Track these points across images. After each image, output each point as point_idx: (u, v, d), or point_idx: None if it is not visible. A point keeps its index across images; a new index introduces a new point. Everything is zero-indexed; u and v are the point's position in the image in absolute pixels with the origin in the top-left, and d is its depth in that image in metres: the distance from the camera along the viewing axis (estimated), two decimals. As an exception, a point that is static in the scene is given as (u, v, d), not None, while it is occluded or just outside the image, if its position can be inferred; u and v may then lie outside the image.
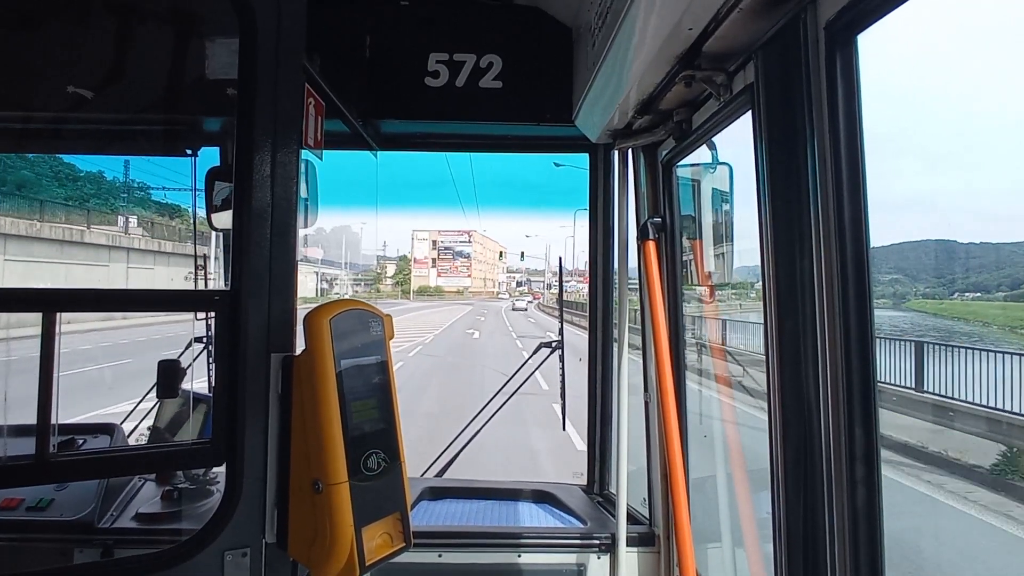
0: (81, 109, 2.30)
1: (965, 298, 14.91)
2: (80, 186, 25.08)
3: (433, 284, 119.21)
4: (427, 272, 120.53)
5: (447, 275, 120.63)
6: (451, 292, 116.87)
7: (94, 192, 25.55)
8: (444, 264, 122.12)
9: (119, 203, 25.56)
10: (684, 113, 1.85)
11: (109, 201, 25.80)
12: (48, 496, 2.16)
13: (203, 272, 2.41)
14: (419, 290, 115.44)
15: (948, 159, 30.11)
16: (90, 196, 24.87)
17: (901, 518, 5.19)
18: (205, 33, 2.00)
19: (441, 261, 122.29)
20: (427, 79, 2.42)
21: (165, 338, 14.05)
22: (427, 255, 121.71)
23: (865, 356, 1.16)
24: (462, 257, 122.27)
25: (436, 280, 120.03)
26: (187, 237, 16.21)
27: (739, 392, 2.91)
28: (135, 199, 25.39)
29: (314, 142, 1.75)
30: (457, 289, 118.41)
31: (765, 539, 1.78)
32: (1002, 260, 14.33)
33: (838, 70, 1.16)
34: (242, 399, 1.38)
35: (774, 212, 1.30)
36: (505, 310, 61.60)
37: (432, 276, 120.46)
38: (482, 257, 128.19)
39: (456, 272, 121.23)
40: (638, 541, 2.35)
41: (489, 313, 53.67)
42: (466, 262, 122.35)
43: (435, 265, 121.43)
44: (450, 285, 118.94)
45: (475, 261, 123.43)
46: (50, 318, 1.28)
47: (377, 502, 1.38)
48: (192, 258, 2.44)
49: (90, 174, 25.53)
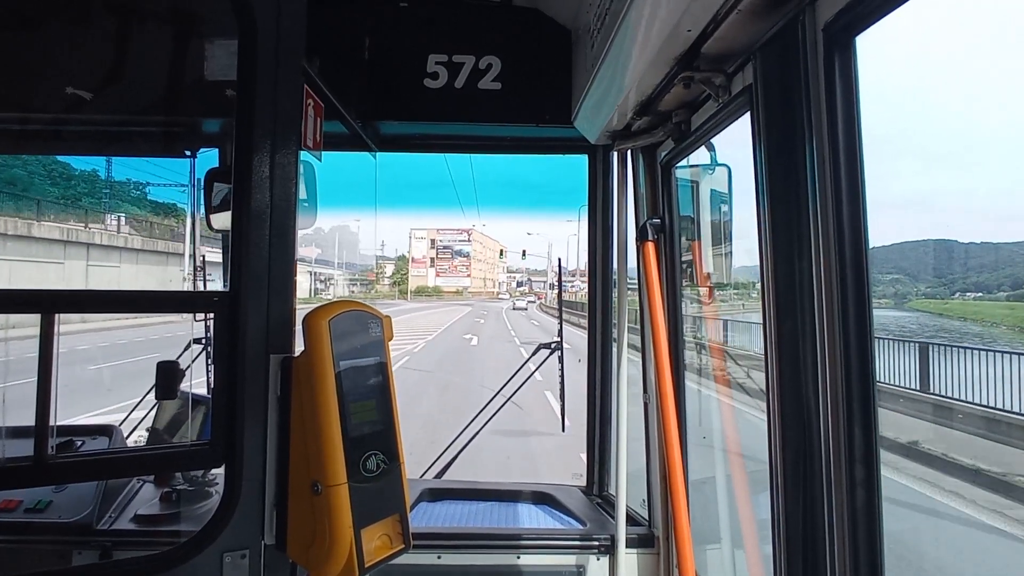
0: (80, 110, 2.30)
1: (966, 298, 14.91)
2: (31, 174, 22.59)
3: (431, 284, 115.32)
4: (425, 272, 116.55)
5: (446, 275, 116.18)
6: (450, 292, 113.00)
7: (51, 183, 23.33)
8: (443, 264, 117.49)
9: (85, 197, 23.71)
10: (683, 114, 1.85)
11: (74, 192, 23.82)
12: (47, 498, 2.16)
13: (188, 272, 2.41)
14: (417, 290, 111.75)
15: (947, 159, 30.18)
16: (33, 184, 22.28)
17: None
18: (204, 34, 2.00)
19: (440, 260, 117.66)
20: (426, 80, 2.42)
21: (163, 338, 13.87)
22: (425, 254, 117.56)
23: (864, 357, 1.16)
24: (461, 256, 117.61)
25: (435, 280, 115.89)
26: (159, 234, 16.11)
27: (739, 392, 2.91)
28: (102, 192, 23.66)
29: (313, 143, 1.75)
30: (456, 289, 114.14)
31: (764, 540, 1.78)
32: (1002, 260, 14.35)
33: (836, 72, 1.16)
34: (241, 400, 1.38)
35: (773, 213, 1.30)
36: (506, 311, 58.67)
37: (430, 276, 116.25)
38: (482, 256, 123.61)
39: (455, 272, 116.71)
40: (637, 542, 2.34)
41: (489, 315, 50.18)
42: (465, 261, 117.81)
43: (433, 265, 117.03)
44: (449, 285, 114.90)
45: (475, 260, 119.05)
46: (48, 319, 1.28)
47: (376, 503, 1.38)
48: (166, 256, 2.43)
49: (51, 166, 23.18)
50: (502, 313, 53.63)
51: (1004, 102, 23.34)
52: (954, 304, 15.00)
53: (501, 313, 53.82)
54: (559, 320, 3.12)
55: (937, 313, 14.97)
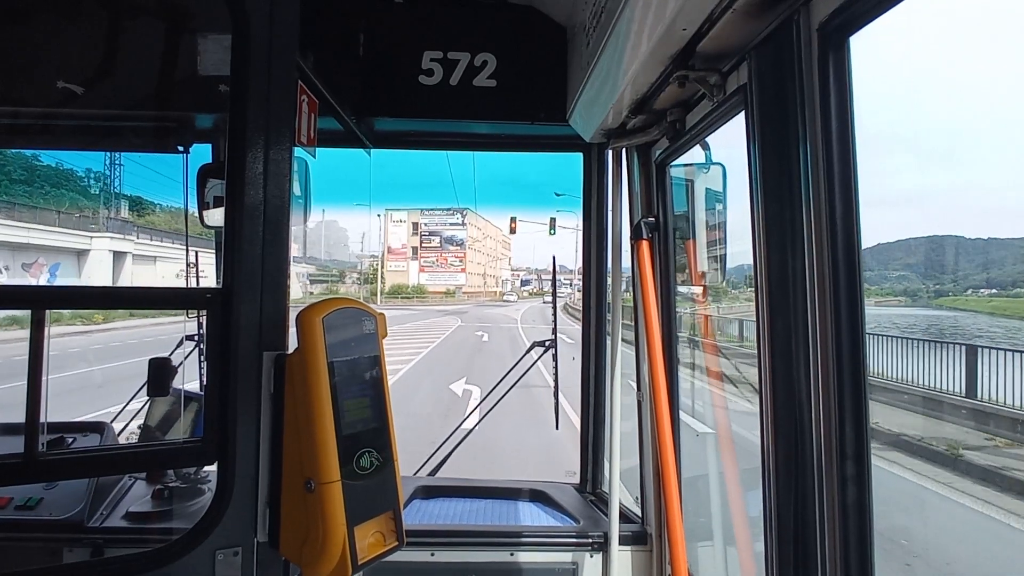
0: (71, 105, 2.28)
1: (980, 295, 14.88)
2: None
3: (414, 281, 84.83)
4: (405, 266, 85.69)
5: (433, 269, 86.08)
6: (437, 293, 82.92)
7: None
8: (429, 254, 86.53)
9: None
10: (678, 113, 1.86)
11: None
12: (37, 495, 2.14)
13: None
14: (393, 290, 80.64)
15: (947, 156, 30.33)
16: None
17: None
18: (197, 29, 1.99)
19: (425, 251, 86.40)
20: (421, 77, 2.42)
21: (157, 340, 13.50)
22: (406, 243, 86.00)
23: (856, 354, 1.17)
24: (453, 245, 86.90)
25: (418, 276, 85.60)
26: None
27: (731, 386, 2.92)
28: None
29: (307, 139, 1.74)
30: (446, 289, 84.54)
31: (757, 537, 1.80)
32: (1016, 256, 14.37)
33: (831, 72, 1.17)
34: (234, 397, 1.37)
35: (767, 212, 1.31)
36: (522, 321, 36.66)
37: (413, 271, 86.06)
38: (481, 246, 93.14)
39: (445, 265, 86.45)
40: (631, 540, 2.36)
41: (494, 333, 28.46)
42: (459, 252, 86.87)
43: (416, 255, 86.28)
44: (437, 284, 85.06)
45: (471, 251, 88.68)
46: (39, 316, 1.27)
47: (370, 501, 1.38)
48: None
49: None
50: (517, 329, 31.05)
51: (999, 100, 23.48)
52: (966, 300, 14.94)
53: (515, 329, 30.94)
54: (553, 317, 3.12)
55: (988, 312, 14.39)
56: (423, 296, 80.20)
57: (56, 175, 28.88)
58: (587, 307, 2.75)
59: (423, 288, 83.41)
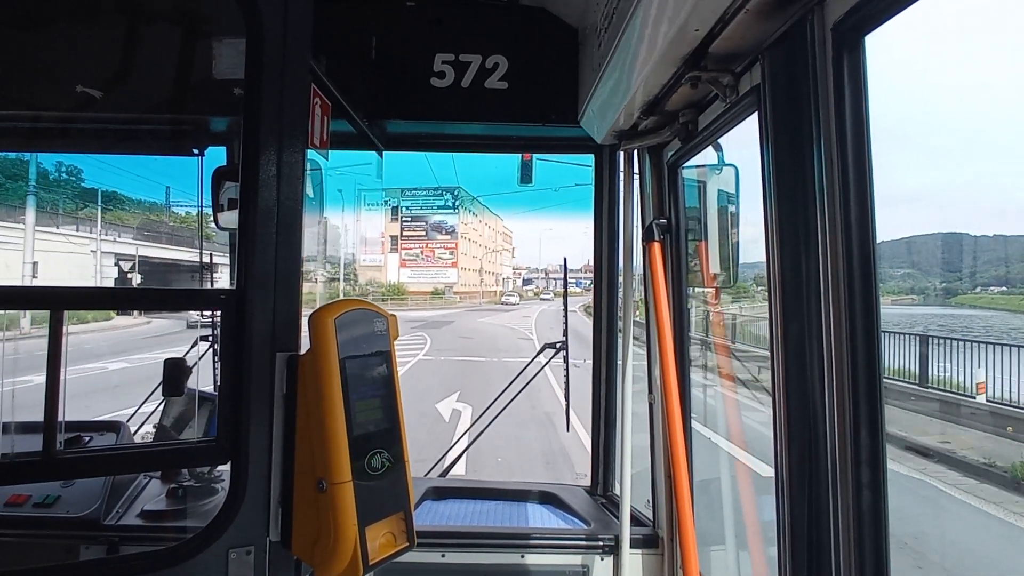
0: (90, 108, 2.32)
1: (989, 292, 14.63)
2: None
3: (392, 279, 67.65)
4: (382, 259, 68.75)
5: (417, 264, 68.83)
6: (421, 293, 65.41)
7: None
8: (411, 244, 69.02)
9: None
10: (690, 114, 1.85)
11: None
12: (55, 493, 2.18)
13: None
14: (362, 290, 61.11)
15: (958, 155, 29.74)
16: None
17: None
18: (212, 33, 2.01)
19: (407, 240, 69.11)
20: (433, 79, 2.43)
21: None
22: (384, 230, 69.51)
23: (871, 357, 1.15)
24: (442, 233, 69.63)
25: (399, 272, 68.41)
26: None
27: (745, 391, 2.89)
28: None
29: (320, 142, 1.76)
30: (433, 288, 67.24)
31: (769, 542, 1.77)
32: (1021, 253, 14.13)
33: (845, 71, 1.16)
34: (247, 398, 1.39)
35: (780, 213, 1.29)
36: (538, 333, 26.03)
37: (392, 265, 68.66)
38: (477, 236, 77.09)
39: (432, 258, 69.18)
40: (642, 543, 2.34)
41: (485, 387, 13.28)
42: (449, 241, 69.48)
43: (396, 246, 68.89)
44: (421, 282, 67.62)
45: (465, 241, 71.77)
46: (57, 316, 1.29)
47: (381, 501, 1.38)
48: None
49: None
50: (531, 338, 23.09)
51: (1015, 99, 23.10)
52: (976, 297, 14.69)
53: (526, 342, 22.37)
54: (564, 319, 3.11)
55: (1010, 309, 14.01)
56: (401, 298, 61.12)
57: None
58: (598, 309, 2.74)
59: (401, 288, 65.05)
